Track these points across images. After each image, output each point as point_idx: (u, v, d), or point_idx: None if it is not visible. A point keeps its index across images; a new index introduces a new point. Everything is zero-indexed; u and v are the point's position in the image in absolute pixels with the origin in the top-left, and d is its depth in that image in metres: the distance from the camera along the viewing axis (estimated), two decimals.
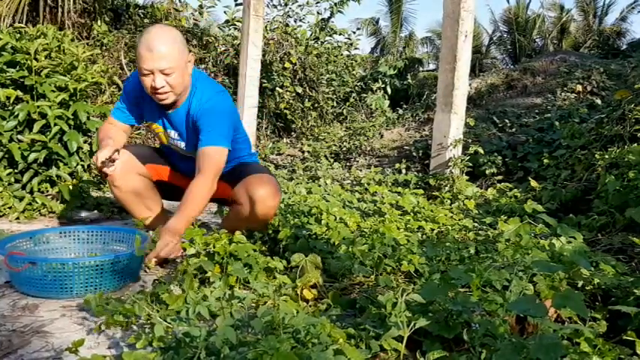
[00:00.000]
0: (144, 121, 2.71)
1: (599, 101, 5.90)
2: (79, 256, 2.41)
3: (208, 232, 2.27)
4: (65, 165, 3.60)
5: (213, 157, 2.36)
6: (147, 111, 2.61)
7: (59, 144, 3.53)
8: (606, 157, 3.45)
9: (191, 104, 2.45)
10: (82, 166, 3.71)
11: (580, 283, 1.93)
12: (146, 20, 7.32)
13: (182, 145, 2.60)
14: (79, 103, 3.66)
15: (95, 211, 3.47)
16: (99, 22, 6.85)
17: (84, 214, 3.41)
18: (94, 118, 3.74)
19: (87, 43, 6.27)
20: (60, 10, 6.38)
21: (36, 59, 3.62)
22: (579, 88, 6.84)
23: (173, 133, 2.58)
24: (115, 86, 5.79)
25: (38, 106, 3.47)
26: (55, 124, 3.47)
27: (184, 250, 2.19)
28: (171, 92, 2.36)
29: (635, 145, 3.44)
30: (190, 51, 2.61)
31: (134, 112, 2.64)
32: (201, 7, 7.63)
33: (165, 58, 2.27)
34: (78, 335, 1.63)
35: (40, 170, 3.53)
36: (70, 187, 3.51)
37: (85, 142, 3.71)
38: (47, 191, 3.56)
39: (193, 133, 2.50)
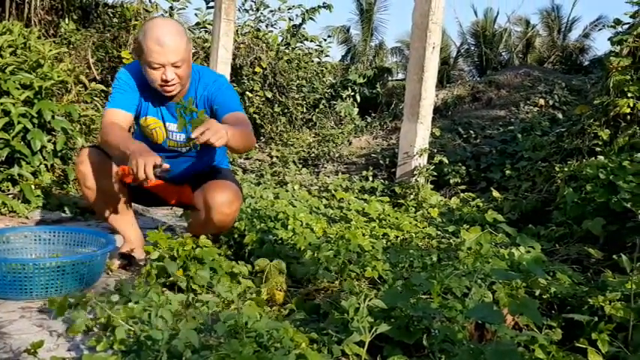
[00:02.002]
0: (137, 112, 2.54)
1: (560, 115, 6.06)
2: (40, 257, 2.37)
3: (173, 237, 2.27)
4: (28, 164, 3.53)
5: (244, 119, 2.38)
6: (144, 103, 2.51)
7: (22, 142, 3.46)
8: (565, 169, 3.56)
9: (197, 90, 2.48)
10: (45, 165, 3.64)
11: (537, 292, 1.99)
12: (115, 20, 7.22)
13: (183, 137, 2.52)
14: (43, 101, 3.59)
15: (57, 212, 3.42)
16: (67, 20, 6.73)
17: (46, 214, 3.35)
18: (58, 117, 3.68)
19: (54, 41, 6.13)
20: (27, 6, 6.26)
21: (1, 56, 3.55)
22: (542, 102, 7.01)
23: (172, 126, 2.50)
24: (81, 85, 5.69)
25: (1, 104, 3.40)
26: (19, 122, 3.41)
27: (148, 253, 2.17)
28: (179, 83, 2.37)
29: (593, 158, 3.56)
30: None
31: (135, 98, 2.47)
32: (171, 8, 7.56)
33: (176, 51, 2.27)
34: (37, 337, 1.60)
35: (2, 169, 3.46)
36: (33, 186, 3.45)
37: (49, 141, 3.64)
38: (8, 190, 3.49)
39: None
